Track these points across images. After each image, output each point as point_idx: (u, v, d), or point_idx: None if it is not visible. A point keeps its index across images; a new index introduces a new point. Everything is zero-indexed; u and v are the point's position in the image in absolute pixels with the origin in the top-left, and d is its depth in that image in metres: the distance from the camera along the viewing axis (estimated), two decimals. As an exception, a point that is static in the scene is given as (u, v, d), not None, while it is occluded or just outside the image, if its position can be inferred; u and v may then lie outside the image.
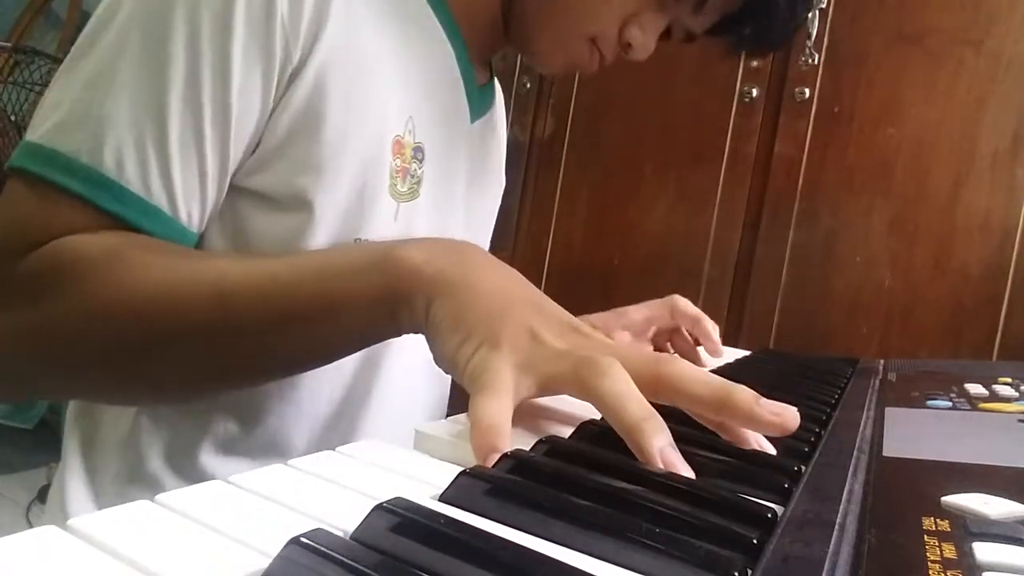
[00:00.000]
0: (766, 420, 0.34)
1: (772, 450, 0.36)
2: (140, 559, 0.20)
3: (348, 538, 0.22)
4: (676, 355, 0.38)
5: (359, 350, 0.47)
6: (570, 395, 0.36)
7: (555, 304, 0.40)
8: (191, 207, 0.49)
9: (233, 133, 0.49)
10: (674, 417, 0.39)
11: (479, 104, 0.68)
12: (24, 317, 0.46)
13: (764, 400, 0.35)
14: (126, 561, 0.20)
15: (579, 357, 0.35)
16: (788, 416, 0.35)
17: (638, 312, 0.74)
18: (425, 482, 0.28)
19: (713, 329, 0.74)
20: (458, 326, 0.37)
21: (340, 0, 0.52)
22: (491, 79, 0.73)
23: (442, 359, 0.38)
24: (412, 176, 0.58)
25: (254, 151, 0.52)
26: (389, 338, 0.43)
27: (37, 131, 0.47)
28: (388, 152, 0.56)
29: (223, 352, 0.45)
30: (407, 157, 0.58)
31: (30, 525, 0.21)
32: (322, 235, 0.53)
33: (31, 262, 0.45)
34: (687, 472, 0.31)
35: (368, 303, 0.40)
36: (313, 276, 0.42)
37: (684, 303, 0.74)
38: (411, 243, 0.41)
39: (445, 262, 0.39)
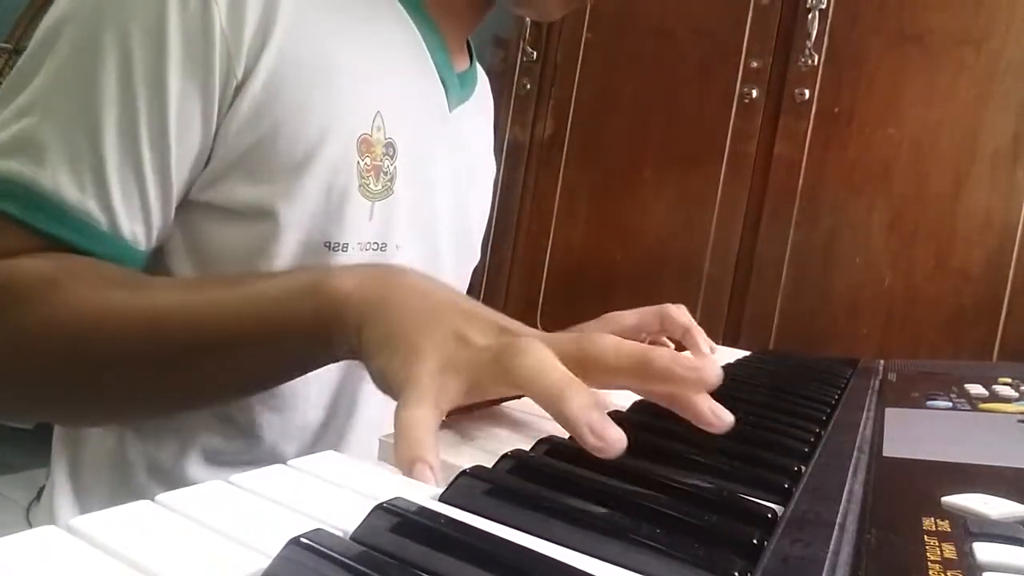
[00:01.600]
0: (682, 375, 0.34)
1: (730, 418, 0.35)
2: (140, 559, 0.20)
3: (348, 538, 0.22)
4: (601, 334, 0.37)
5: (299, 375, 0.47)
6: (500, 392, 0.35)
7: (487, 309, 0.40)
8: (135, 227, 0.49)
9: (174, 152, 0.49)
10: (673, 416, 0.39)
11: (458, 91, 0.67)
12: None
13: (682, 357, 0.35)
14: (126, 561, 0.20)
15: (500, 345, 0.35)
16: (707, 369, 0.35)
17: (628, 318, 0.73)
18: (424, 483, 0.28)
19: (704, 341, 0.71)
20: (385, 345, 0.37)
21: (290, 4, 0.51)
22: (472, 63, 0.71)
23: (376, 380, 0.38)
24: (385, 173, 0.57)
25: (205, 166, 0.51)
26: (327, 363, 0.44)
27: None
28: (353, 152, 0.54)
29: (159, 379, 0.45)
30: (377, 154, 0.56)
31: (30, 525, 0.21)
32: (290, 243, 0.52)
33: None
34: (618, 435, 0.30)
35: (301, 331, 0.41)
36: (246, 304, 0.42)
37: (675, 312, 0.72)
38: (341, 271, 0.41)
39: (373, 288, 0.39)
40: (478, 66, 0.74)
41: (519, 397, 0.39)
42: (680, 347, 0.74)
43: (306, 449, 0.59)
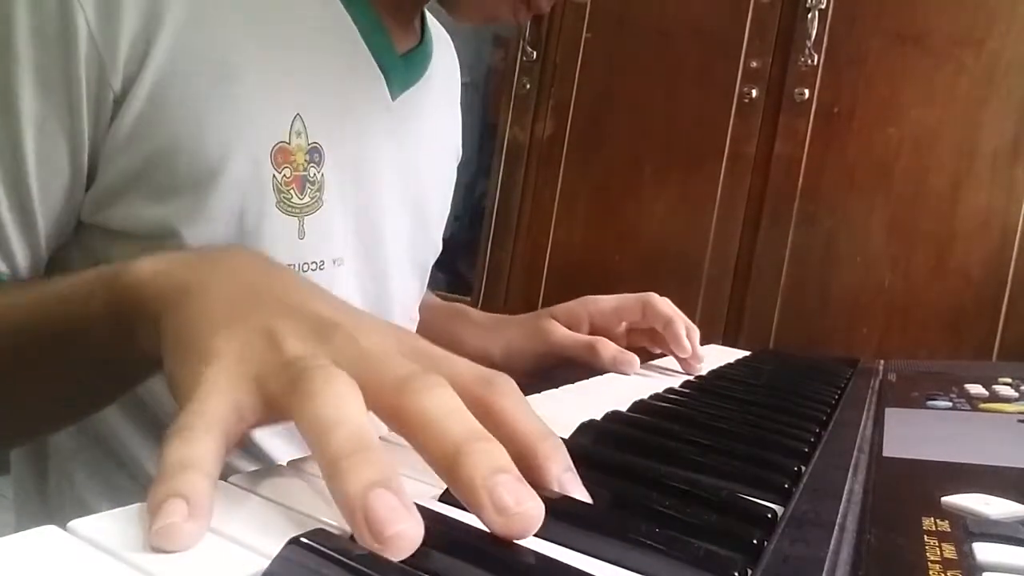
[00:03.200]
0: (488, 509, 0.22)
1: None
2: (140, 559, 0.20)
3: (348, 538, 0.22)
4: (464, 361, 0.28)
5: (123, 392, 0.40)
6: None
7: (337, 301, 0.31)
8: None
9: (34, 173, 0.43)
10: (672, 416, 0.39)
11: (403, 75, 0.59)
12: None
13: (502, 479, 0.22)
14: (126, 561, 0.20)
15: (300, 368, 0.25)
16: (528, 514, 0.21)
17: (607, 302, 0.70)
18: (425, 482, 0.28)
19: (688, 332, 0.66)
20: (178, 343, 0.28)
21: (180, 5, 0.45)
22: (422, 40, 0.63)
23: (171, 391, 0.28)
24: (311, 183, 0.51)
25: (90, 186, 0.46)
26: (147, 375, 0.36)
27: None
28: (267, 165, 0.48)
29: None
30: (299, 163, 0.50)
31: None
32: None
33: None
34: (412, 532, 0.20)
35: (99, 333, 0.33)
36: (38, 306, 0.36)
37: (658, 302, 0.68)
38: (148, 257, 0.33)
39: (180, 270, 0.31)
40: (433, 37, 0.66)
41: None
42: (660, 338, 0.70)
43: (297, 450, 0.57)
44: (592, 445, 0.36)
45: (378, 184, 0.58)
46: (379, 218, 0.59)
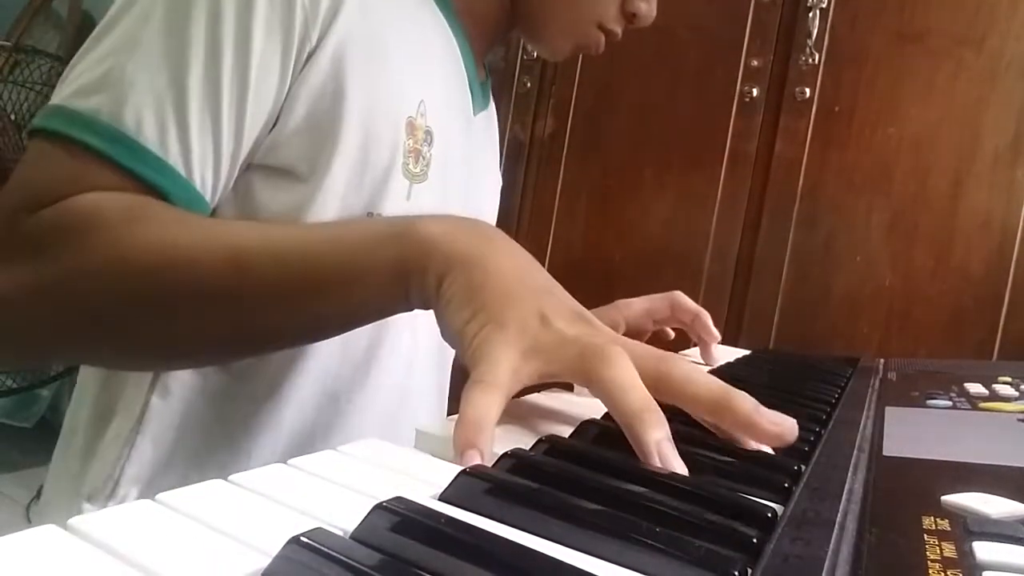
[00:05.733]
0: (763, 428, 0.34)
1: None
2: (140, 559, 0.20)
3: (348, 538, 0.22)
4: (679, 355, 0.38)
5: (368, 323, 0.47)
6: (572, 382, 0.36)
7: (566, 292, 0.40)
8: (205, 174, 0.50)
9: (250, 105, 0.50)
10: (674, 416, 0.38)
11: (480, 97, 0.71)
12: (35, 270, 0.45)
13: (764, 409, 0.35)
14: (126, 560, 0.20)
15: (586, 344, 0.35)
16: (787, 427, 0.35)
17: (639, 304, 0.76)
18: (425, 482, 0.28)
19: (712, 327, 0.76)
20: (468, 302, 0.37)
21: None
22: (487, 77, 0.76)
23: (448, 333, 0.39)
24: (423, 158, 0.60)
25: (272, 128, 0.53)
26: (398, 312, 0.43)
27: (58, 96, 0.48)
28: (402, 132, 0.57)
29: (234, 317, 0.45)
30: (419, 139, 0.59)
31: (30, 524, 0.21)
32: (332, 209, 0.54)
33: (47, 215, 0.45)
34: (681, 469, 0.31)
35: (381, 276, 0.41)
36: (330, 247, 0.43)
37: (684, 299, 0.76)
38: (431, 217, 0.41)
39: (462, 238, 0.40)
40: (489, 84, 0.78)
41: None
42: (681, 334, 0.77)
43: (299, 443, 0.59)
44: (592, 444, 0.36)
45: (457, 178, 0.67)
46: (453, 208, 0.66)
